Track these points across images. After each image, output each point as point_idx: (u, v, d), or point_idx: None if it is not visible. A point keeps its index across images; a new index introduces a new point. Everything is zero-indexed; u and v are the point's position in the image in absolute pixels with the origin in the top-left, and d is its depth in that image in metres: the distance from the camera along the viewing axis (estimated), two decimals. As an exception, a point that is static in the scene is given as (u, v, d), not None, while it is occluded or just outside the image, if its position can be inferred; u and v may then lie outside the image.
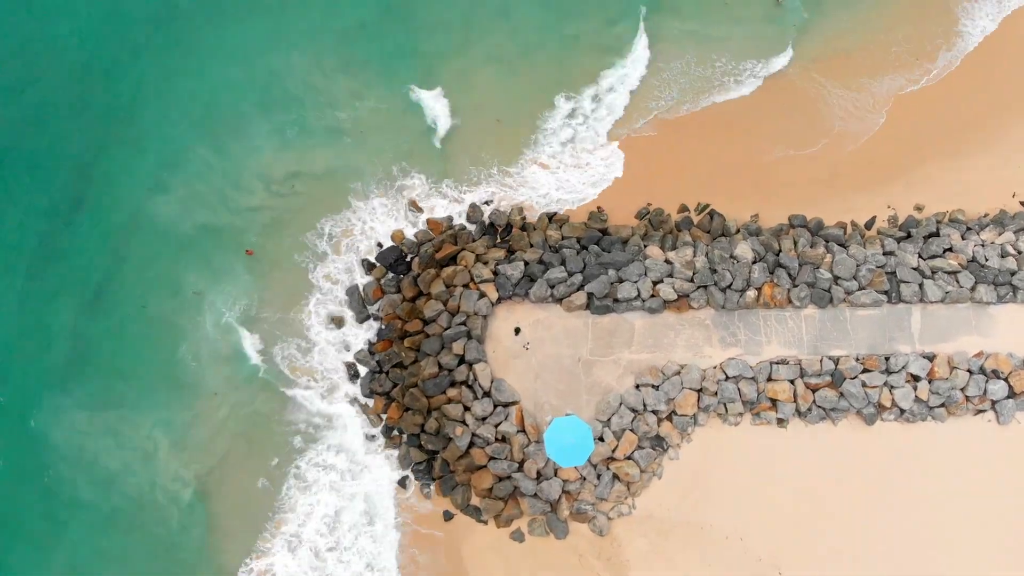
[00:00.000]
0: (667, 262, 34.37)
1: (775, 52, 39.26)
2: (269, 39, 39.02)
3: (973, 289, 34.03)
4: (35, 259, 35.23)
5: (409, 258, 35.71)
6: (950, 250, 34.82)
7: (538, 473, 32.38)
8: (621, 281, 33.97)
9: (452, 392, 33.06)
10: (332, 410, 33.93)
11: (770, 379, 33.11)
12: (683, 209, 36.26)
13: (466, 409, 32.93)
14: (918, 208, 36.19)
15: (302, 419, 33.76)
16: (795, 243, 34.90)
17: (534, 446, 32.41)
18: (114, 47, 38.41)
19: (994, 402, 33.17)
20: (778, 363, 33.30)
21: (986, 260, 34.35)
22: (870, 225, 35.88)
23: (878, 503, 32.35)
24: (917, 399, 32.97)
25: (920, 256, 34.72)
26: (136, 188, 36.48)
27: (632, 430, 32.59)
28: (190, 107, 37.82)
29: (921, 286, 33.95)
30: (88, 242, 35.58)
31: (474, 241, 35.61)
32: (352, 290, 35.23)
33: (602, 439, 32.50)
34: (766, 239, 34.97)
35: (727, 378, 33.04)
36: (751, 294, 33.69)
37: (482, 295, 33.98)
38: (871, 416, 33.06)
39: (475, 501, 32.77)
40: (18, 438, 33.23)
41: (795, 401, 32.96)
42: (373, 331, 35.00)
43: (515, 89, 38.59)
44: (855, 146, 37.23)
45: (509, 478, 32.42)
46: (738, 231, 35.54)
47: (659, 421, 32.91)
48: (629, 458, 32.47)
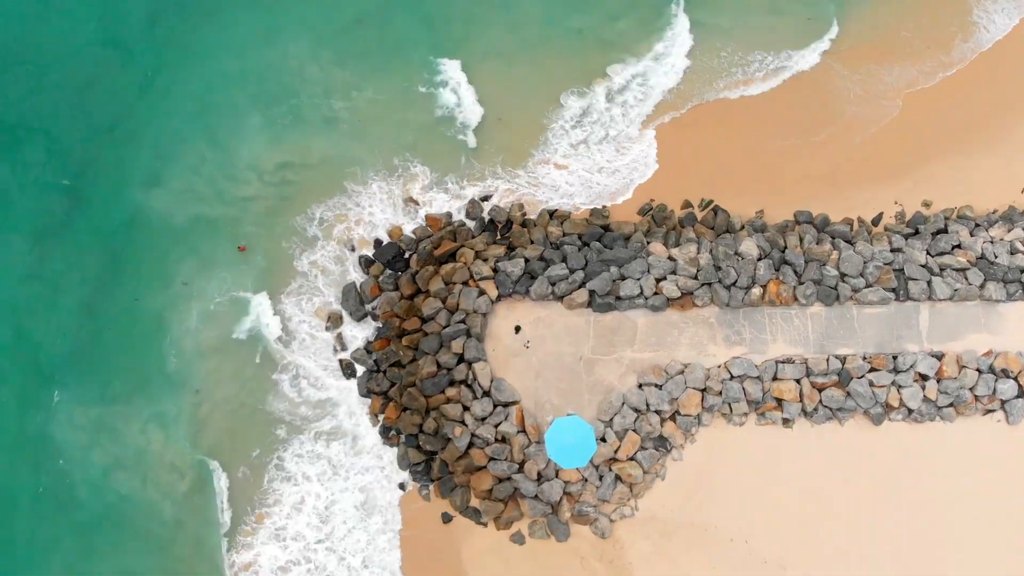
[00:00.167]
0: (670, 259, 33.78)
1: (799, 45, 38.56)
2: (267, 32, 38.32)
3: (982, 286, 33.44)
4: (32, 254, 34.83)
5: (407, 255, 35.11)
6: (959, 247, 34.23)
7: (539, 474, 31.84)
8: (623, 278, 33.38)
9: (451, 391, 32.51)
10: (321, 397, 33.57)
11: (775, 378, 32.54)
12: (687, 205, 35.68)
13: (465, 409, 32.38)
14: (926, 204, 35.62)
15: (287, 410, 33.34)
16: (801, 240, 34.32)
17: (535, 447, 31.88)
18: (112, 41, 37.88)
19: (1004, 402, 32.55)
20: (784, 362, 32.72)
21: (995, 257, 33.75)
22: (877, 221, 35.31)
23: (885, 504, 31.78)
24: (925, 399, 32.40)
25: (928, 253, 34.11)
26: (132, 182, 36.01)
27: (635, 430, 32.04)
28: (186, 100, 37.23)
29: (929, 283, 33.36)
30: (84, 237, 35.15)
31: (474, 238, 35.05)
32: (349, 288, 34.65)
33: (604, 439, 31.97)
34: (771, 235, 34.38)
35: (732, 377, 32.46)
36: (756, 292, 33.11)
37: (482, 292, 33.41)
38: (878, 416, 32.49)
39: (474, 503, 32.23)
40: (14, 436, 32.82)
41: (801, 401, 32.39)
42: (371, 329, 34.42)
43: (529, 81, 37.84)
44: (863, 138, 36.55)
45: (509, 479, 31.89)
46: (743, 227, 34.95)
47: (662, 421, 32.34)
48: (632, 459, 31.92)
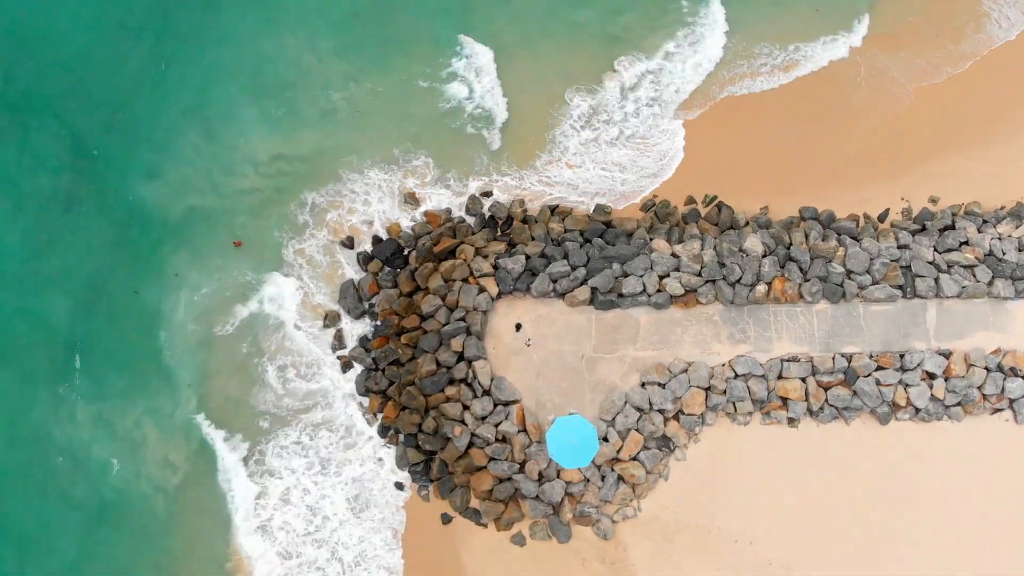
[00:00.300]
0: (674, 256, 33.28)
1: (807, 39, 38.02)
2: (267, 23, 37.91)
3: (990, 284, 32.97)
4: (29, 248, 34.56)
5: (406, 251, 34.60)
6: (966, 243, 33.75)
7: (540, 474, 31.38)
8: (626, 275, 32.89)
9: (451, 390, 32.03)
10: (311, 388, 33.34)
11: (781, 377, 32.05)
12: (690, 201, 35.17)
13: (465, 408, 31.92)
14: (933, 200, 35.11)
15: (273, 402, 33.13)
16: (806, 236, 33.81)
17: (536, 446, 31.42)
18: (112, 32, 37.42)
19: (1012, 401, 32.12)
20: (789, 360, 32.23)
21: (1003, 254, 33.29)
22: (883, 218, 34.80)
23: (891, 504, 31.37)
24: (933, 397, 31.93)
25: (935, 250, 33.64)
26: (129, 174, 35.71)
27: (637, 430, 31.56)
28: (185, 91, 36.87)
29: (937, 280, 32.87)
30: (82, 230, 34.87)
31: (473, 234, 34.53)
32: (347, 285, 34.16)
33: (606, 439, 31.51)
34: (776, 232, 33.88)
35: (736, 376, 31.97)
36: (761, 289, 32.59)
37: (482, 290, 32.92)
38: (885, 415, 32.02)
39: (474, 503, 31.79)
40: (10, 434, 32.60)
41: (807, 400, 31.93)
42: (369, 327, 33.99)
43: (542, 76, 37.26)
44: (870, 133, 36.06)
45: (510, 480, 31.44)
46: (747, 224, 34.44)
47: (665, 420, 31.88)
48: (634, 459, 31.48)
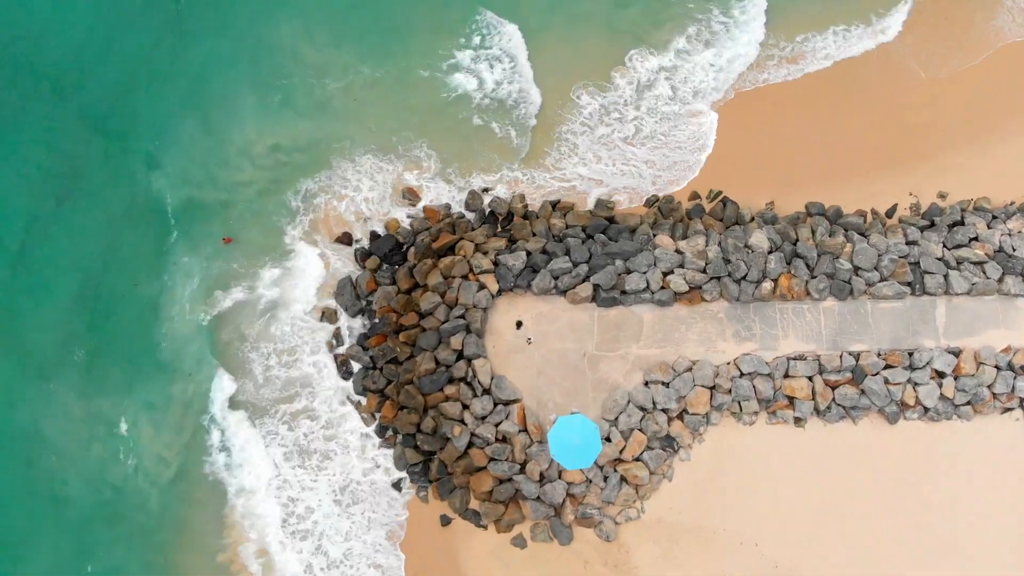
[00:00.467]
0: (678, 252, 32.65)
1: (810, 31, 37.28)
2: (263, 13, 37.35)
3: (1000, 280, 32.35)
4: (24, 241, 34.09)
5: (405, 248, 34.01)
6: (976, 239, 33.12)
7: (541, 475, 30.78)
8: (629, 272, 32.27)
9: (450, 389, 31.42)
10: (295, 376, 32.97)
11: (787, 376, 31.43)
12: (694, 196, 34.56)
13: (465, 407, 31.31)
14: (941, 196, 34.51)
15: (256, 390, 32.85)
16: (813, 232, 33.19)
17: (537, 447, 30.82)
18: (109, 24, 36.94)
19: (1022, 399, 31.50)
20: (796, 359, 31.59)
21: (1013, 250, 32.67)
22: (891, 213, 34.18)
23: (900, 505, 30.76)
24: (942, 397, 31.32)
25: (945, 246, 33.01)
26: (127, 165, 35.19)
27: (641, 430, 30.95)
28: (181, 82, 36.37)
29: (946, 277, 32.24)
30: (78, 222, 34.38)
31: (473, 230, 33.92)
32: (344, 282, 33.57)
33: (609, 439, 30.90)
34: (782, 228, 33.26)
35: (742, 375, 31.35)
36: (767, 286, 31.97)
37: (482, 287, 32.31)
38: (894, 415, 31.40)
39: (474, 505, 31.20)
40: (4, 430, 32.19)
41: (813, 399, 31.31)
42: (362, 324, 33.51)
43: (561, 63, 36.57)
44: (877, 127, 35.44)
45: (510, 480, 30.85)
46: (753, 219, 33.83)
47: (669, 420, 31.27)
48: (638, 459, 30.87)
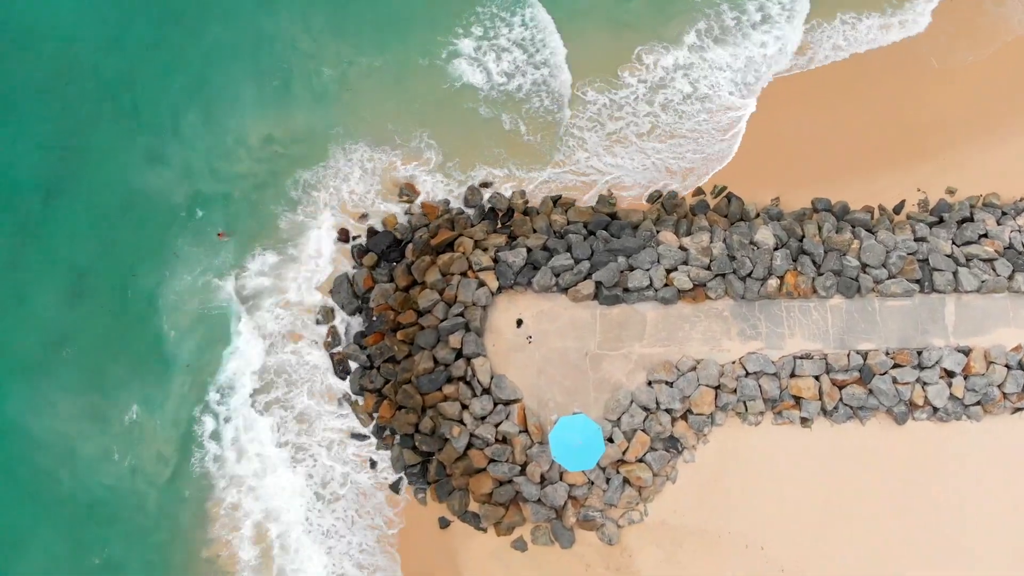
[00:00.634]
0: (682, 248, 32.04)
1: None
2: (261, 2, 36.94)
3: (1011, 278, 31.78)
4: (19, 233, 33.49)
5: (403, 244, 33.40)
6: (985, 236, 32.55)
7: (542, 477, 30.16)
8: (632, 269, 31.64)
9: (448, 389, 30.80)
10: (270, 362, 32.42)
11: (793, 375, 30.82)
12: (698, 192, 33.95)
13: (464, 407, 30.70)
14: (950, 191, 33.93)
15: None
16: (820, 228, 32.59)
17: (538, 447, 30.20)
18: (107, 15, 36.47)
19: (1033, 400, 31.00)
20: (802, 358, 30.99)
21: (1023, 247, 32.13)
22: (899, 210, 33.61)
23: (908, 506, 30.19)
24: (952, 396, 30.75)
25: (954, 243, 32.44)
26: (125, 157, 34.61)
27: (644, 430, 30.34)
28: (182, 74, 35.82)
29: (955, 274, 31.67)
30: (76, 215, 33.82)
31: (473, 226, 33.31)
32: (341, 279, 32.97)
33: (611, 440, 30.27)
34: (788, 224, 32.65)
35: (747, 374, 30.73)
36: (773, 283, 31.35)
37: (481, 284, 31.69)
38: (902, 415, 30.80)
39: (473, 507, 30.58)
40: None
41: (820, 399, 30.70)
42: (356, 322, 32.97)
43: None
44: (883, 122, 34.90)
45: (510, 482, 30.24)
46: (758, 215, 33.22)
47: (673, 421, 30.66)
48: (641, 460, 30.26)
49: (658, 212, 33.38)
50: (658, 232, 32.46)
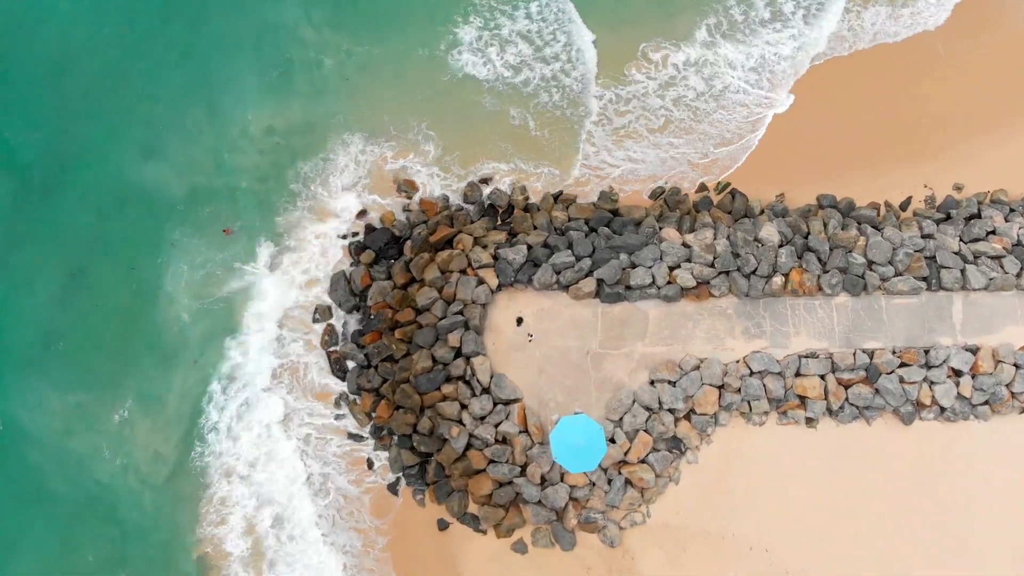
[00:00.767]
0: (685, 245, 31.55)
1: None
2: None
3: (1019, 275, 31.33)
4: (15, 226, 33.12)
5: (401, 241, 32.92)
6: (993, 233, 32.08)
7: (543, 478, 29.73)
8: (634, 266, 31.17)
9: (447, 388, 30.37)
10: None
11: (798, 374, 30.38)
12: (701, 188, 33.47)
13: (463, 407, 30.28)
14: (957, 188, 33.46)
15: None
16: (825, 225, 32.12)
17: (538, 448, 29.77)
18: (106, 6, 36.00)
19: (1042, 399, 30.62)
20: (807, 357, 30.55)
21: (1032, 244, 31.80)
22: (905, 206, 33.13)
23: (916, 508, 29.81)
24: (959, 396, 30.31)
25: (961, 240, 31.98)
26: (124, 150, 34.19)
27: (646, 430, 29.91)
28: (182, 66, 35.31)
29: (963, 272, 31.22)
30: (73, 209, 33.42)
31: (472, 223, 32.83)
32: (338, 277, 32.49)
33: (613, 440, 29.83)
34: (793, 221, 32.17)
35: (751, 373, 30.29)
36: (778, 280, 30.89)
37: (481, 282, 31.23)
38: (909, 415, 30.36)
39: (473, 508, 30.18)
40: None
41: (826, 398, 30.27)
42: (355, 321, 32.51)
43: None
44: (888, 117, 34.36)
45: (510, 483, 29.81)
46: (762, 212, 32.75)
47: (676, 421, 30.23)
48: (643, 461, 29.84)
49: (661, 208, 32.92)
50: (661, 229, 31.99)
